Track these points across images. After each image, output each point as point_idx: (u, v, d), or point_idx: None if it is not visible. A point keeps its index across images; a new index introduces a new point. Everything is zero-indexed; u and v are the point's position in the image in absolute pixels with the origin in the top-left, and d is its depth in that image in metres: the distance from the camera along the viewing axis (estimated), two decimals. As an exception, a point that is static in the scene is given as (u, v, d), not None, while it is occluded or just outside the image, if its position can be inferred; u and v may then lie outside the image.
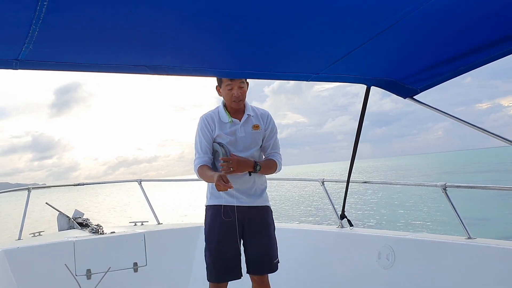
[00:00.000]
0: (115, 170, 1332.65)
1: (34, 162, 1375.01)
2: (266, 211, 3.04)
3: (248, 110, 2.98)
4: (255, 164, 2.89)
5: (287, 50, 1.97)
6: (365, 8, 1.62)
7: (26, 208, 4.51)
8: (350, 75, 2.42)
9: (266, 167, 2.98)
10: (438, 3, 1.59)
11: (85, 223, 4.86)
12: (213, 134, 2.92)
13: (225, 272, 2.93)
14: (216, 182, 2.64)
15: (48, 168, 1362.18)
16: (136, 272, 4.16)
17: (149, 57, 1.87)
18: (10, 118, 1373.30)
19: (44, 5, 1.27)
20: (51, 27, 1.43)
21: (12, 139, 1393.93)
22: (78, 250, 3.97)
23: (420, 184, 4.16)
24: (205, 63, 2.04)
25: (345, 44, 1.95)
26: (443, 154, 59.20)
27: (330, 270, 3.69)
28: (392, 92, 2.60)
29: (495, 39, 1.96)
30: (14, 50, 1.58)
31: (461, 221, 3.09)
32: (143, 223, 4.85)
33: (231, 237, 2.92)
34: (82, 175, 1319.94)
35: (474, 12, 1.76)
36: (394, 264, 3.25)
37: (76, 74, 2.72)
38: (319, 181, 4.16)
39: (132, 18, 1.47)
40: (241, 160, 2.86)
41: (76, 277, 3.80)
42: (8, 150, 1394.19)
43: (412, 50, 2.16)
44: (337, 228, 3.81)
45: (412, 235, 3.34)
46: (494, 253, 2.84)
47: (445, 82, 2.41)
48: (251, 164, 2.88)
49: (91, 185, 6.03)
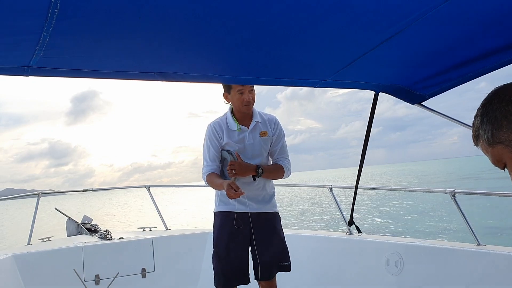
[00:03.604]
0: (130, 176, 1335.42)
1: (50, 169, 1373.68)
2: (274, 217, 3.04)
3: (256, 116, 2.99)
4: (257, 168, 2.89)
5: (295, 56, 1.97)
6: (373, 14, 1.62)
7: (35, 213, 4.55)
8: (358, 81, 2.42)
9: (270, 172, 2.98)
10: (446, 9, 1.59)
11: (93, 228, 4.89)
12: (221, 142, 2.93)
13: (233, 279, 2.93)
14: (227, 191, 2.65)
15: (64, 174, 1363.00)
16: (144, 278, 4.17)
17: (158, 63, 1.89)
18: (27, 126, 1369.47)
19: (55, 12, 1.29)
20: (61, 34, 1.44)
21: (29, 146, 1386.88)
22: (87, 255, 3.99)
23: (429, 190, 4.14)
24: (213, 70, 2.05)
25: (353, 50, 1.95)
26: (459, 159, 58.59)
27: (338, 277, 3.67)
28: (400, 98, 2.59)
29: (505, 44, 1.94)
30: (25, 57, 1.60)
31: (470, 228, 3.06)
32: (151, 229, 4.87)
33: (240, 244, 2.93)
34: (97, 181, 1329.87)
35: (483, 17, 1.75)
36: (402, 271, 3.23)
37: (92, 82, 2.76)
38: (327, 187, 4.15)
39: (141, 25, 1.48)
40: (243, 164, 2.87)
41: (84, 283, 3.82)
42: (25, 157, 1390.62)
43: (421, 56, 2.15)
44: (345, 235, 3.80)
45: (420, 242, 3.32)
46: (504, 261, 2.81)
47: (458, 88, 2.39)
48: (253, 168, 2.88)
49: (103, 191, 6.07)
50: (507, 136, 1.12)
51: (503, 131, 1.13)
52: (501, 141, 1.14)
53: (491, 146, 1.16)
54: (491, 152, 1.18)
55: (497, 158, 1.17)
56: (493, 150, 1.17)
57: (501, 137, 1.13)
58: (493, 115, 1.14)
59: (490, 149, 1.17)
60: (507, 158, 1.15)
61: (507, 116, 1.12)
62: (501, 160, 1.17)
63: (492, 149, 1.17)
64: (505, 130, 1.12)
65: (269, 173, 2.96)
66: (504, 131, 1.12)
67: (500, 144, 1.14)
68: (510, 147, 1.13)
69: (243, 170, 2.86)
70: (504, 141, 1.13)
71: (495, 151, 1.16)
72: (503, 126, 1.12)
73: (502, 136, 1.13)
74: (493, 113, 1.14)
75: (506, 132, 1.12)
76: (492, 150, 1.17)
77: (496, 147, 1.15)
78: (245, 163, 2.89)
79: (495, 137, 1.14)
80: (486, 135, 1.16)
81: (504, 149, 1.14)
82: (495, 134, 1.14)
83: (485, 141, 1.17)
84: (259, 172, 2.89)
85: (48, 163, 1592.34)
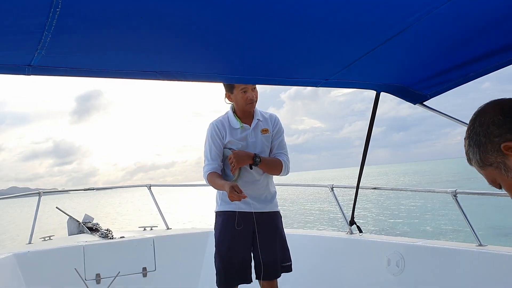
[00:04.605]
0: (133, 175, 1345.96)
1: (54, 168, 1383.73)
2: (276, 216, 3.04)
3: (257, 115, 2.99)
4: (255, 156, 2.88)
5: (296, 56, 1.97)
6: (374, 14, 1.62)
7: (36, 212, 4.56)
8: (359, 81, 2.42)
9: (268, 163, 2.95)
10: (448, 9, 1.58)
11: (94, 227, 4.89)
12: (224, 140, 2.93)
13: (235, 278, 2.93)
14: (229, 194, 2.64)
15: (68, 173, 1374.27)
16: (145, 277, 4.18)
17: (159, 63, 1.89)
18: (31, 125, 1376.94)
19: (57, 11, 1.29)
20: (63, 34, 1.44)
21: (33, 145, 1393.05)
22: (88, 254, 3.99)
23: (430, 190, 4.14)
24: (214, 69, 2.05)
25: (354, 50, 1.95)
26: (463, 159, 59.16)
27: (339, 277, 3.67)
28: (402, 98, 2.59)
29: (506, 44, 1.94)
30: (27, 56, 1.60)
31: (472, 228, 3.06)
32: (152, 228, 4.87)
33: (242, 243, 2.92)
34: (100, 180, 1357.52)
35: (485, 17, 1.75)
36: (403, 271, 3.23)
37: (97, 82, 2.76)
38: (328, 187, 4.15)
39: (142, 25, 1.48)
40: (240, 153, 2.86)
41: (85, 281, 3.82)
42: (29, 155, 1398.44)
43: (422, 56, 2.15)
44: (346, 234, 3.80)
45: (421, 242, 3.32)
46: (505, 261, 2.81)
47: (462, 88, 2.39)
48: (251, 155, 2.87)
49: (105, 190, 6.08)
50: (495, 158, 1.12)
51: (489, 154, 1.13)
52: (490, 164, 1.14)
53: (483, 169, 1.17)
54: (484, 174, 1.18)
55: (490, 179, 1.18)
56: (485, 172, 1.17)
57: (489, 159, 1.14)
58: (478, 138, 1.14)
59: (482, 171, 1.18)
60: (500, 180, 1.16)
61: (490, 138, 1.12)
62: (495, 181, 1.17)
63: (484, 171, 1.17)
64: (491, 152, 1.12)
65: (267, 164, 2.94)
66: (491, 153, 1.13)
67: (490, 166, 1.15)
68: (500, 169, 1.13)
69: (240, 158, 2.86)
70: (493, 163, 1.14)
71: (487, 173, 1.17)
72: (488, 149, 1.13)
73: (490, 159, 1.14)
74: (477, 136, 1.14)
75: (493, 155, 1.12)
76: (484, 172, 1.18)
77: (487, 169, 1.16)
78: (242, 151, 2.88)
79: (484, 160, 1.15)
80: (476, 159, 1.17)
81: (494, 171, 1.15)
82: (483, 158, 1.15)
83: (475, 163, 1.18)
84: (256, 160, 2.87)
85: (52, 162, 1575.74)
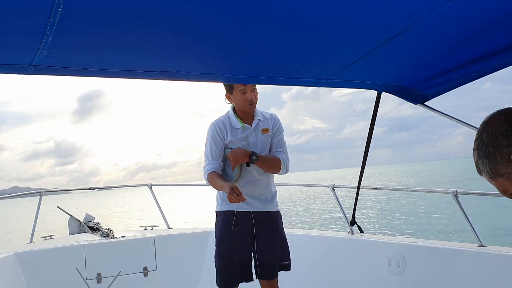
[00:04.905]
0: (135, 175, 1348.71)
1: (56, 168, 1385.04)
2: (276, 216, 3.04)
3: (258, 115, 3.00)
4: (252, 154, 2.87)
5: (297, 56, 1.97)
6: (376, 14, 1.62)
7: (38, 212, 4.56)
8: (360, 81, 2.42)
9: (266, 160, 2.94)
10: (449, 9, 1.58)
11: (95, 227, 4.89)
12: (225, 140, 2.93)
13: (235, 277, 2.93)
14: (229, 195, 2.64)
15: (70, 173, 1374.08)
16: (146, 276, 4.18)
17: (160, 62, 1.89)
18: (33, 124, 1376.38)
19: (59, 11, 1.29)
20: (65, 33, 1.44)
21: (35, 145, 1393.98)
22: (89, 254, 4.00)
23: (431, 190, 4.13)
24: (215, 69, 2.05)
25: (356, 49, 1.95)
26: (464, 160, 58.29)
27: (340, 277, 3.67)
28: (403, 98, 2.59)
29: (508, 44, 1.94)
30: (28, 56, 1.60)
31: (473, 229, 3.06)
32: (153, 227, 4.87)
33: (243, 243, 2.92)
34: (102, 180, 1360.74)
35: (486, 17, 1.75)
36: (404, 271, 3.22)
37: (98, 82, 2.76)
38: (329, 187, 4.15)
39: (144, 24, 1.49)
40: (236, 150, 2.86)
41: (86, 281, 3.82)
42: (31, 155, 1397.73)
43: (423, 56, 2.14)
44: (347, 234, 3.79)
45: (422, 242, 3.31)
46: (506, 261, 2.81)
47: (463, 88, 2.39)
48: (248, 153, 2.87)
49: (107, 189, 6.09)
50: (505, 169, 1.12)
51: (499, 165, 1.13)
52: (501, 174, 1.14)
53: (493, 179, 1.17)
54: (495, 185, 1.18)
55: (502, 189, 1.18)
56: (496, 183, 1.17)
57: (500, 170, 1.13)
58: (486, 149, 1.14)
59: (493, 181, 1.18)
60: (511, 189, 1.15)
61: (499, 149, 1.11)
62: (507, 191, 1.17)
63: (495, 182, 1.17)
64: (501, 163, 1.12)
65: (265, 161, 2.93)
66: (501, 164, 1.12)
67: (500, 177, 1.15)
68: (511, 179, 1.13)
69: (237, 157, 2.86)
70: (503, 174, 1.13)
71: (498, 184, 1.17)
72: (498, 160, 1.12)
73: (500, 170, 1.13)
74: (486, 147, 1.14)
75: (503, 165, 1.12)
76: (495, 182, 1.17)
77: (498, 180, 1.16)
78: (239, 148, 2.88)
79: (494, 171, 1.15)
80: (486, 170, 1.16)
81: (505, 181, 1.14)
82: (493, 169, 1.14)
83: (486, 174, 1.17)
84: (253, 158, 2.87)
85: (53, 162, 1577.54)
